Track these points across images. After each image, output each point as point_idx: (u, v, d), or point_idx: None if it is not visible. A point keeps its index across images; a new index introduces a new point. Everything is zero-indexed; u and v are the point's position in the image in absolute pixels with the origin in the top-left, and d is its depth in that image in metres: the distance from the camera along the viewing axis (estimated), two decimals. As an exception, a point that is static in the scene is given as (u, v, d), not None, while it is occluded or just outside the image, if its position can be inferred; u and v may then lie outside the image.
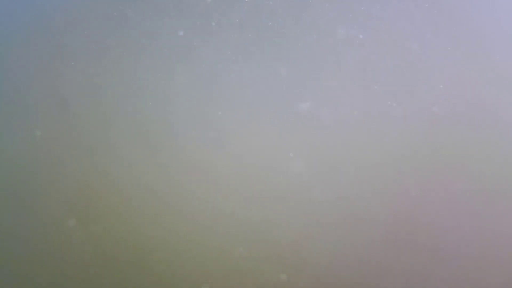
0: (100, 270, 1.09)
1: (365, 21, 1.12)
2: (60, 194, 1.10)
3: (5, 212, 1.09)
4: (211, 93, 1.11)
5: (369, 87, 1.11)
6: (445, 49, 1.12)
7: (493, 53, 1.13)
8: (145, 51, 1.12)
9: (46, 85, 1.12)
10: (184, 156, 1.10)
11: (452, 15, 1.13)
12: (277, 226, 1.09)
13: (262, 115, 1.11)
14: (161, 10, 1.13)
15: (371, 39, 1.11)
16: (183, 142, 1.10)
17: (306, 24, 1.12)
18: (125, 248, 1.09)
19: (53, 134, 1.11)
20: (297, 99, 1.10)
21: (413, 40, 1.12)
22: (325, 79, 1.11)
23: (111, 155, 1.10)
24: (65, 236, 1.09)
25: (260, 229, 1.09)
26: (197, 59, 1.12)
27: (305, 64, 1.11)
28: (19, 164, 1.10)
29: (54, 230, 1.09)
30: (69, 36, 1.13)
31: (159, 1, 1.13)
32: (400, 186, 1.10)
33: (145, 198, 1.09)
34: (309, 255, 1.09)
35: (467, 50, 1.12)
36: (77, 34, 1.12)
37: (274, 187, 1.10)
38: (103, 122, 1.11)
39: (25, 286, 1.08)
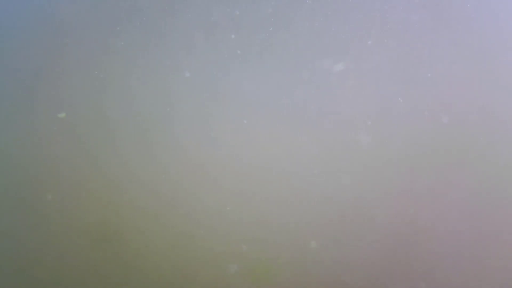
0: (99, 270, 1.09)
1: (371, 26, 1.11)
2: (60, 193, 1.10)
3: (5, 212, 1.09)
4: (212, 94, 1.11)
5: (373, 89, 1.11)
6: (450, 51, 1.12)
7: (497, 56, 1.13)
8: (145, 51, 1.12)
9: (46, 85, 1.12)
10: (184, 156, 1.10)
11: (459, 18, 1.13)
12: (278, 226, 1.09)
13: (264, 116, 1.10)
14: (163, 8, 1.13)
15: (378, 44, 1.11)
16: (183, 142, 1.10)
17: (308, 27, 1.12)
18: (125, 247, 1.09)
19: (53, 134, 1.11)
20: (301, 100, 1.11)
21: (419, 42, 1.12)
22: (330, 81, 1.11)
23: (111, 154, 1.10)
24: (64, 236, 1.09)
25: (261, 229, 1.09)
26: (198, 59, 1.12)
27: (307, 66, 1.11)
28: (19, 164, 1.10)
29: (54, 230, 1.09)
30: (69, 36, 1.13)
31: None
32: (403, 187, 1.10)
33: (146, 199, 1.09)
34: (309, 255, 1.09)
35: (472, 52, 1.12)
36: (77, 34, 1.12)
37: (277, 187, 1.10)
38: (103, 122, 1.11)
39: (25, 286, 1.08)
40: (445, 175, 1.11)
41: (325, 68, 1.11)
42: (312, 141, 1.10)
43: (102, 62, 1.12)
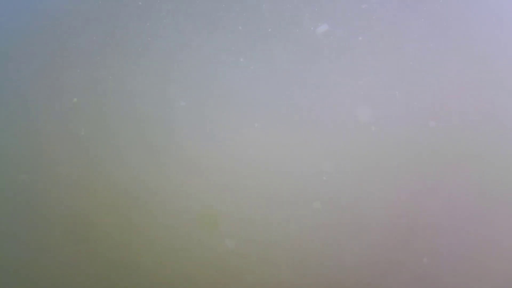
0: (99, 270, 1.09)
1: (365, 22, 1.11)
2: (59, 194, 1.10)
3: (5, 213, 1.10)
4: (212, 94, 1.11)
5: (369, 89, 1.11)
6: (447, 51, 1.12)
7: (496, 57, 1.12)
8: (145, 51, 1.12)
9: (46, 85, 1.12)
10: (184, 156, 1.10)
11: (454, 17, 1.13)
12: (277, 226, 1.10)
13: (264, 116, 1.10)
14: (163, 7, 1.13)
15: (370, 40, 1.11)
16: (183, 142, 1.10)
17: (305, 25, 1.11)
18: (124, 247, 1.09)
19: (53, 134, 1.11)
20: (297, 99, 1.10)
21: (414, 41, 1.12)
22: (326, 80, 1.11)
23: (111, 155, 1.10)
24: (64, 236, 1.09)
25: (261, 229, 1.09)
26: (198, 58, 1.12)
27: (304, 65, 1.11)
28: (19, 164, 1.10)
29: (54, 230, 1.09)
30: (69, 36, 1.13)
31: None
32: (401, 188, 1.10)
33: (147, 199, 1.09)
34: (307, 256, 1.09)
35: (469, 52, 1.12)
36: (77, 34, 1.12)
37: (277, 187, 1.10)
38: (103, 122, 1.11)
39: (25, 286, 1.09)
40: (447, 175, 1.11)
41: (326, 67, 1.11)
42: (313, 141, 1.10)
43: (102, 63, 1.12)
